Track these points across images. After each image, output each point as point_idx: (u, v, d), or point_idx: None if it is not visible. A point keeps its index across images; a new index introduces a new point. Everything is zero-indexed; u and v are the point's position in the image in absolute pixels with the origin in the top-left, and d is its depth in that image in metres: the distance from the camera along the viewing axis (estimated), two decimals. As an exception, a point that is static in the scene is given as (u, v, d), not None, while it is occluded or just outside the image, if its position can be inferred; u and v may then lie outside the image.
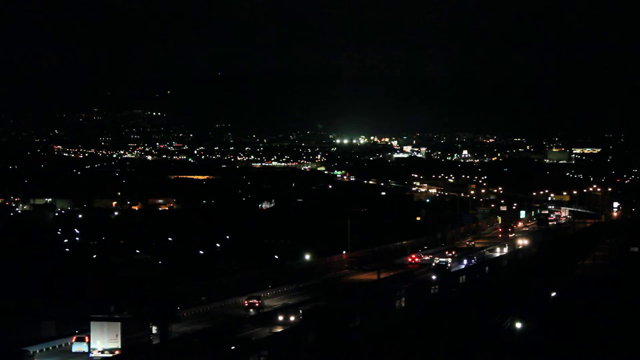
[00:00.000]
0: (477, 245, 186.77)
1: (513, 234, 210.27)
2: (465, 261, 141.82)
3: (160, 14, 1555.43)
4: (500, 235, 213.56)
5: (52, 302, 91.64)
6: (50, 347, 77.83)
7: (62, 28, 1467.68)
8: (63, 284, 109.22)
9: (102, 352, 76.05)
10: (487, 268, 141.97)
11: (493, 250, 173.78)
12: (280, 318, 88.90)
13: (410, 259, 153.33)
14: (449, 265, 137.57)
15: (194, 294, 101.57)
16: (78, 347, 77.65)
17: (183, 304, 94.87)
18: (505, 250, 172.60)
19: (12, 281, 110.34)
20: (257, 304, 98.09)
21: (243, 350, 70.42)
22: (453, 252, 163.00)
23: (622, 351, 75.21)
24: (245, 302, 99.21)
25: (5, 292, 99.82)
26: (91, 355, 76.60)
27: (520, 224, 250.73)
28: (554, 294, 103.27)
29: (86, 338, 77.14)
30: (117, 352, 75.60)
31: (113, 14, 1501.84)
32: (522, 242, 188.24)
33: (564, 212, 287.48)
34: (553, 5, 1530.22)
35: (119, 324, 76.34)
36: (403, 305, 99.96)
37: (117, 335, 76.40)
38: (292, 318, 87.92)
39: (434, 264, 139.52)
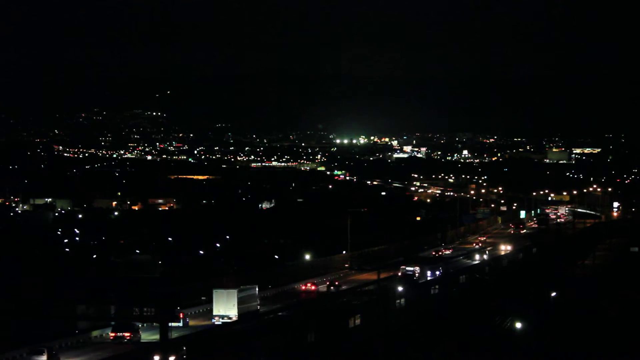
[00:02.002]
0: (488, 241, 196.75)
1: (525, 230, 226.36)
2: (429, 273, 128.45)
3: (160, 14, 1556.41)
4: (512, 232, 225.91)
5: (52, 302, 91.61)
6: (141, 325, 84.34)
7: (62, 28, 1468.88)
8: (63, 284, 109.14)
9: (222, 317, 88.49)
10: (487, 268, 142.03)
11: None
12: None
13: (434, 253, 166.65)
14: (416, 275, 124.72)
15: (194, 294, 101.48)
16: (174, 322, 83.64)
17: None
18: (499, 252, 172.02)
19: (12, 281, 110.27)
20: (337, 283, 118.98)
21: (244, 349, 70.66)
22: (480, 244, 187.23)
23: (622, 351, 75.19)
24: (327, 282, 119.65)
25: (5, 292, 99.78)
26: (213, 320, 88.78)
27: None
28: (554, 294, 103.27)
29: (181, 314, 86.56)
30: (234, 319, 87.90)
31: (113, 14, 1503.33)
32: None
33: (561, 210, 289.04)
34: (553, 5, 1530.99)
35: (235, 291, 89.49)
36: (403, 305, 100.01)
37: (234, 305, 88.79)
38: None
39: (400, 273, 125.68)
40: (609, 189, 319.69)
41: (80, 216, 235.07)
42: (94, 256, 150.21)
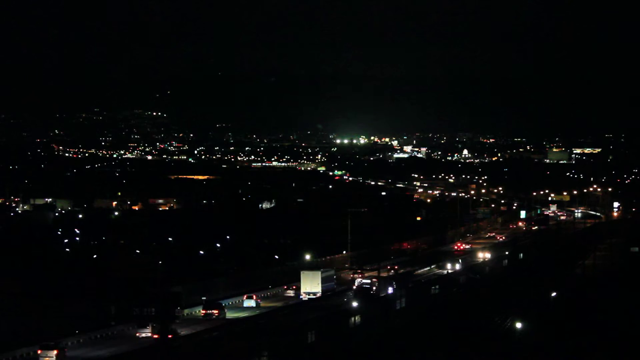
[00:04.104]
0: (499, 237, 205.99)
1: (536, 227, 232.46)
2: (390, 289, 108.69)
3: (160, 14, 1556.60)
4: (524, 228, 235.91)
5: (52, 302, 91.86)
6: (223, 305, 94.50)
7: (62, 28, 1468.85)
8: (63, 284, 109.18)
9: (308, 294, 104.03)
10: (487, 268, 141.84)
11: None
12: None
13: (456, 247, 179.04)
14: (373, 288, 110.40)
15: (194, 294, 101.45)
16: (248, 303, 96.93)
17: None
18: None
19: (12, 281, 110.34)
20: (396, 268, 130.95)
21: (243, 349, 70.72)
22: (503, 237, 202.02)
23: (622, 351, 75.18)
24: (388, 267, 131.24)
25: (5, 292, 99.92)
26: (300, 297, 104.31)
27: (520, 223, 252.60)
28: (554, 294, 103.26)
29: (254, 296, 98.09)
30: (319, 295, 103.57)
31: (113, 14, 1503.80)
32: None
33: (552, 208, 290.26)
34: (553, 5, 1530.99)
35: (319, 272, 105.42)
36: (403, 305, 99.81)
37: (318, 284, 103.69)
38: None
39: (355, 287, 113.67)
40: (609, 189, 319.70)
41: (80, 216, 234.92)
42: (94, 256, 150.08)
